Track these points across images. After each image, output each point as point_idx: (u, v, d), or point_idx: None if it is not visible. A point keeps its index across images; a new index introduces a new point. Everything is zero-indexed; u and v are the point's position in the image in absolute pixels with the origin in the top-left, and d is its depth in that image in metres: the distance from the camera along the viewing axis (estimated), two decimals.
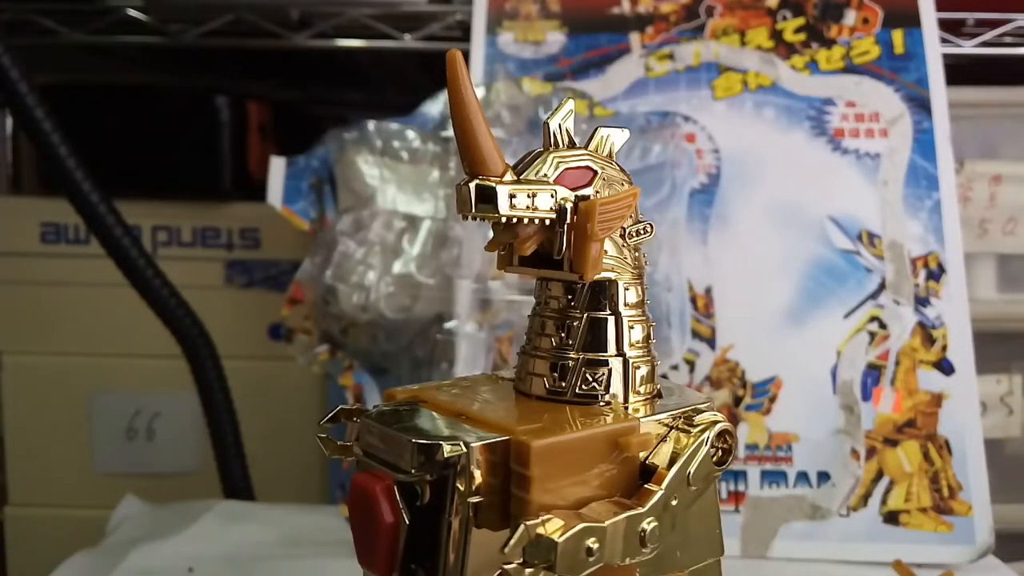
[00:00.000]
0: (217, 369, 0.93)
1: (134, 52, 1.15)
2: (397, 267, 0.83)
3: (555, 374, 0.34)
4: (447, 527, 0.30)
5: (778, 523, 0.83)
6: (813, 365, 0.86)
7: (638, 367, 0.36)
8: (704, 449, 0.34)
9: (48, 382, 1.14)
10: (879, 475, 0.84)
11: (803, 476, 0.84)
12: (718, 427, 0.34)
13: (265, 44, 1.06)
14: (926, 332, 0.86)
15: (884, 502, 0.84)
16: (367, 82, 1.29)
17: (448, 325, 0.80)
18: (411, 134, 0.85)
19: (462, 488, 0.30)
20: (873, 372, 0.86)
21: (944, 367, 0.86)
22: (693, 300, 0.87)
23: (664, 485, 0.32)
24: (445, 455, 0.30)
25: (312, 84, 1.31)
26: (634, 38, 0.95)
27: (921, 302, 0.87)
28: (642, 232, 0.35)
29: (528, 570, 0.29)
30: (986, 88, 1.00)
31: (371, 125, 0.86)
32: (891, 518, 0.83)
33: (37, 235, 1.13)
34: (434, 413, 0.33)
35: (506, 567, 0.29)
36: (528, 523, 0.28)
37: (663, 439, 0.34)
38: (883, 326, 0.87)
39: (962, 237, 0.89)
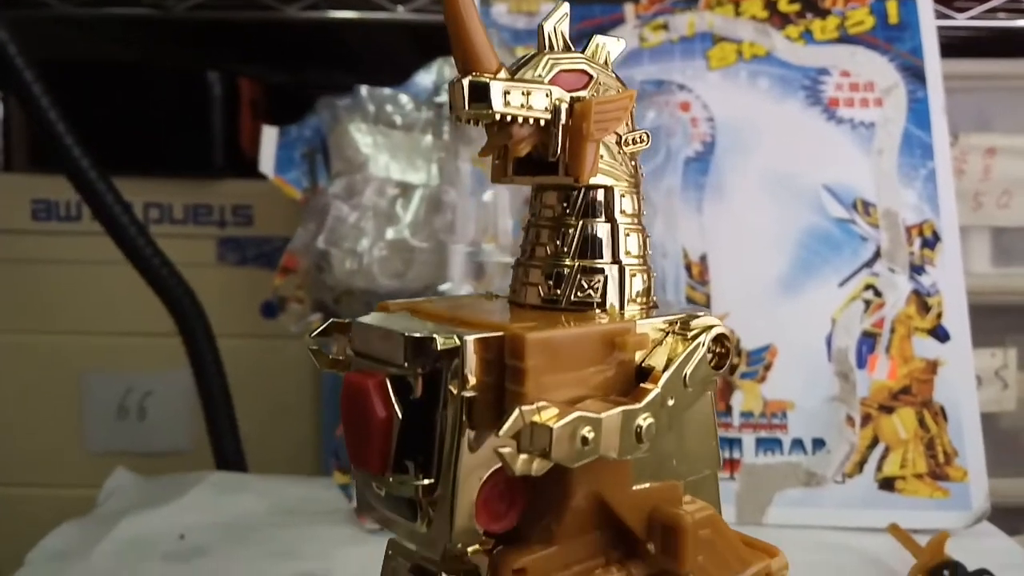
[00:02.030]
0: (210, 340, 0.92)
1: (125, 27, 1.14)
2: (390, 233, 0.83)
3: (550, 282, 0.34)
4: (440, 421, 0.30)
5: (773, 490, 0.83)
6: (808, 333, 0.86)
7: (634, 275, 0.35)
8: (701, 352, 0.33)
9: (39, 361, 1.14)
10: (874, 442, 0.84)
11: (798, 443, 0.84)
12: (714, 330, 0.34)
13: (257, 16, 1.05)
14: (921, 300, 0.86)
15: (879, 468, 0.83)
16: (359, 61, 1.29)
17: (442, 288, 0.80)
18: (404, 99, 0.85)
19: (456, 382, 0.30)
20: (868, 340, 0.86)
21: (939, 334, 0.85)
22: (688, 267, 0.86)
23: (660, 384, 0.31)
24: (439, 347, 0.29)
25: (304, 62, 1.31)
26: (628, 9, 0.95)
27: (916, 270, 0.87)
28: (638, 141, 0.35)
29: (522, 456, 0.28)
30: (980, 60, 1.00)
31: (364, 90, 0.86)
32: (886, 484, 0.83)
33: (28, 212, 1.13)
34: (427, 320, 0.32)
35: (500, 450, 0.28)
36: (523, 408, 0.28)
37: (659, 343, 0.33)
38: (878, 294, 0.86)
39: (956, 210, 0.89)
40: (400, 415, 0.30)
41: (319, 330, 0.36)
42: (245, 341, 1.11)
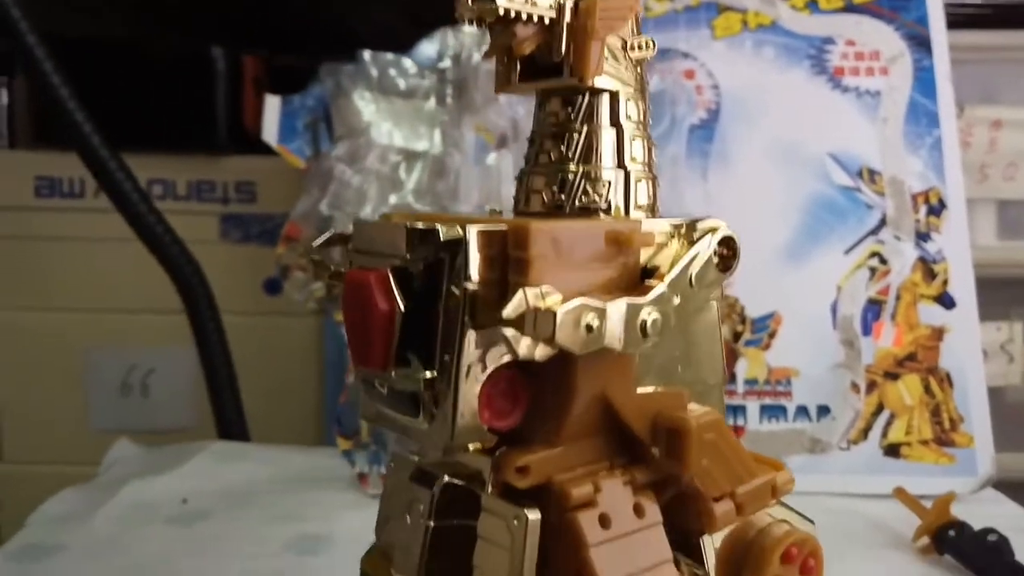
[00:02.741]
0: (212, 311, 0.92)
1: (128, 3, 1.14)
2: (393, 199, 0.82)
3: (554, 188, 0.34)
4: (443, 314, 0.30)
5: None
6: (813, 301, 0.86)
7: (639, 181, 0.35)
8: (707, 252, 0.33)
9: (42, 338, 1.13)
10: (879, 408, 0.83)
11: (803, 410, 0.83)
12: (721, 232, 0.34)
13: None
14: (927, 267, 0.86)
15: (885, 435, 0.83)
16: (363, 38, 1.28)
17: None
18: (408, 63, 0.85)
19: (458, 274, 0.29)
20: (873, 307, 0.85)
21: (945, 301, 0.85)
22: None
23: (666, 281, 0.31)
24: (442, 238, 0.29)
25: (307, 39, 1.30)
26: None
27: (922, 237, 0.86)
28: (643, 47, 0.34)
29: (526, 339, 0.28)
30: (986, 31, 1.00)
31: (367, 55, 0.85)
32: (892, 451, 0.83)
33: (31, 189, 1.13)
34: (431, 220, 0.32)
35: (505, 331, 0.28)
36: (527, 289, 0.27)
37: (665, 246, 0.33)
38: (884, 261, 0.86)
39: (962, 179, 0.88)
40: (402, 308, 0.30)
41: (322, 240, 0.35)
42: (248, 318, 1.10)
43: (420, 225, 0.30)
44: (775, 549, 0.34)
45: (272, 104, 0.90)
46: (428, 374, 0.30)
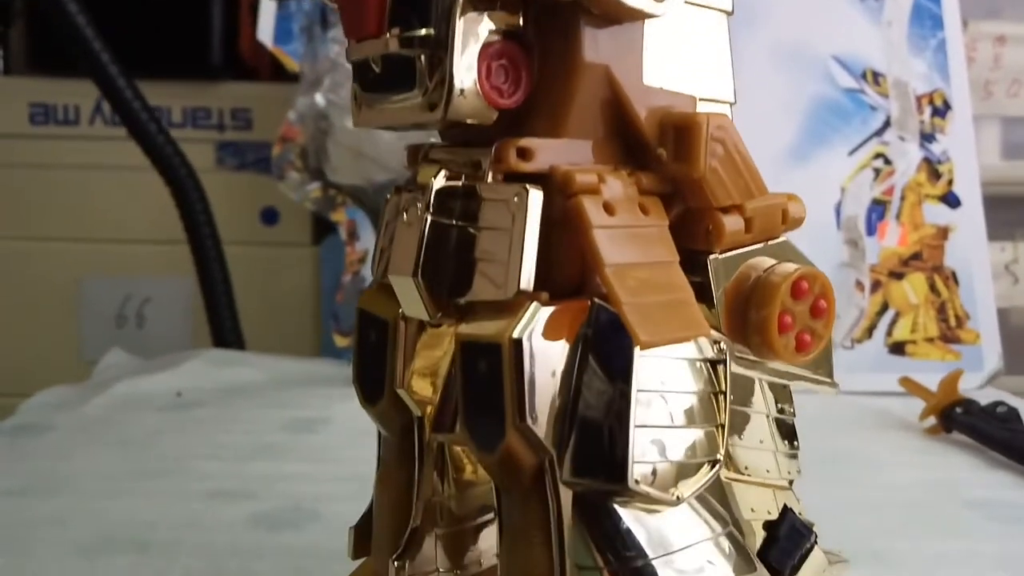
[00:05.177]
0: (208, 215, 0.90)
1: None
2: None
3: None
4: None
5: None
6: (816, 202, 0.85)
7: None
8: None
9: (36, 268, 1.12)
10: (884, 307, 0.82)
11: None
12: None
13: None
14: (932, 167, 0.85)
15: (889, 333, 0.82)
16: None
17: None
18: None
19: None
20: (878, 207, 0.84)
21: (950, 200, 0.84)
22: None
23: None
24: None
25: None
26: None
27: (926, 138, 0.85)
28: None
29: None
30: None
31: None
32: (897, 349, 0.82)
33: (26, 116, 1.11)
34: None
35: None
36: None
37: None
38: (888, 162, 0.85)
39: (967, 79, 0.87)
40: None
41: None
42: (244, 248, 1.08)
43: None
44: (783, 282, 0.33)
45: (268, 7, 0.89)
46: (424, 31, 0.28)
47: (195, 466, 0.61)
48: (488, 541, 0.37)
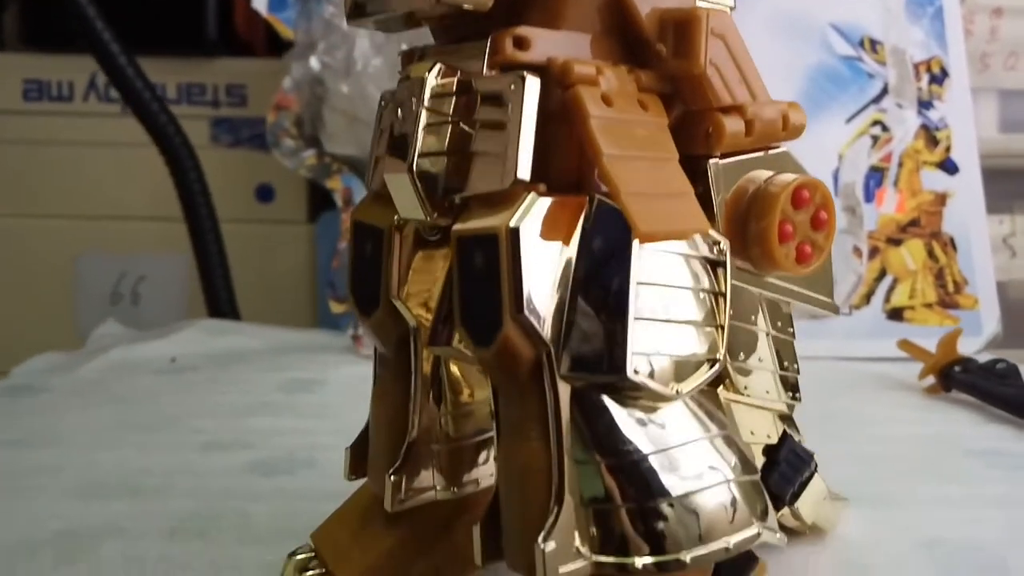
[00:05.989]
0: (202, 185, 0.90)
1: None
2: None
3: None
4: None
5: None
6: (814, 169, 0.83)
7: None
8: None
9: (30, 245, 1.11)
10: (882, 274, 0.82)
11: None
12: None
13: None
14: (929, 134, 0.84)
15: (887, 299, 0.82)
16: None
17: None
18: None
19: None
20: (876, 174, 0.84)
21: (948, 167, 0.84)
22: None
23: None
24: None
25: None
26: None
27: (924, 105, 0.85)
28: None
29: None
30: None
31: None
32: (895, 315, 0.81)
33: (19, 92, 1.11)
34: None
35: None
36: None
37: None
38: (885, 129, 0.85)
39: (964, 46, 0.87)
40: None
41: None
42: (240, 226, 1.07)
43: None
44: (783, 190, 0.33)
45: None
46: None
47: (190, 422, 0.60)
48: (486, 462, 0.36)
